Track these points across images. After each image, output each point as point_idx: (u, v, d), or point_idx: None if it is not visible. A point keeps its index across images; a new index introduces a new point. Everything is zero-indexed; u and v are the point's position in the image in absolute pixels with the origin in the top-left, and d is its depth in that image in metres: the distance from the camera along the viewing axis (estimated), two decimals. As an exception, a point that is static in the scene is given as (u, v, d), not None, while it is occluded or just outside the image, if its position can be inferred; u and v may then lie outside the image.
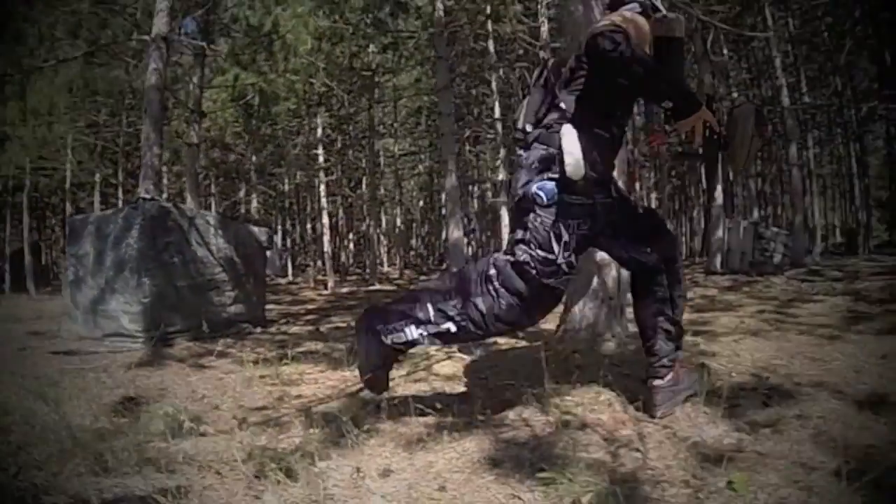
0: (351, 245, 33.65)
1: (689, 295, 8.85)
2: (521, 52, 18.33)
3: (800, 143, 17.56)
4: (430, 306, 2.57)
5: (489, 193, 23.25)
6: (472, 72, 20.95)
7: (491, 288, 2.52)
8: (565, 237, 2.45)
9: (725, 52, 19.33)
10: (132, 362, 4.68)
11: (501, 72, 19.82)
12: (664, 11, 2.67)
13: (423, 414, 2.89)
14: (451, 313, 2.54)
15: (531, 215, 2.48)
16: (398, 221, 32.21)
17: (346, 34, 16.27)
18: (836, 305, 6.74)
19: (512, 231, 2.66)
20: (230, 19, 14.87)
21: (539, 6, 12.29)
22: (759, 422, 2.54)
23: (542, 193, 2.44)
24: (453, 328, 2.55)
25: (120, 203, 21.16)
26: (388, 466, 2.32)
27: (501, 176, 18.54)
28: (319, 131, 20.15)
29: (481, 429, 2.67)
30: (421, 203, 36.19)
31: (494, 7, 14.93)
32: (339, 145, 24.38)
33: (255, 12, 13.96)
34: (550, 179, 2.44)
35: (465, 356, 4.20)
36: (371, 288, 17.39)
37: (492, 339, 4.41)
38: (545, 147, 2.49)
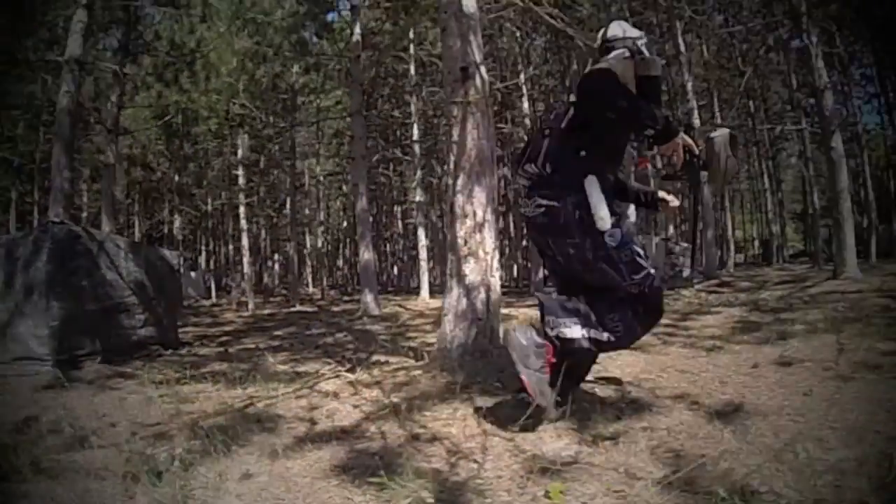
0: (276, 266, 33.52)
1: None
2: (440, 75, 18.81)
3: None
4: (592, 315, 2.95)
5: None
6: (393, 94, 21.26)
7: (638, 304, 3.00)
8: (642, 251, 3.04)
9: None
10: (39, 384, 4.88)
11: (424, 93, 20.21)
12: (647, 55, 3.14)
13: (292, 426, 3.32)
14: (609, 325, 2.95)
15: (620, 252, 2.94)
16: (318, 242, 32.13)
17: (268, 55, 16.42)
18: (731, 316, 7.25)
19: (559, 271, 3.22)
20: (153, 36, 14.90)
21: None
22: (603, 434, 2.80)
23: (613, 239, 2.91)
24: (611, 338, 2.96)
25: (35, 223, 20.81)
26: (248, 471, 2.66)
27: (419, 197, 18.90)
28: (240, 152, 20.11)
29: (343, 440, 3.04)
30: (345, 224, 36.25)
31: (416, 31, 15.40)
32: (262, 166, 24.38)
33: (179, 30, 14.09)
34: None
35: (349, 375, 4.53)
36: (292, 309, 17.48)
37: (374, 358, 5.11)
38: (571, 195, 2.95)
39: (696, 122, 16.22)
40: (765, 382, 3.57)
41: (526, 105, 18.83)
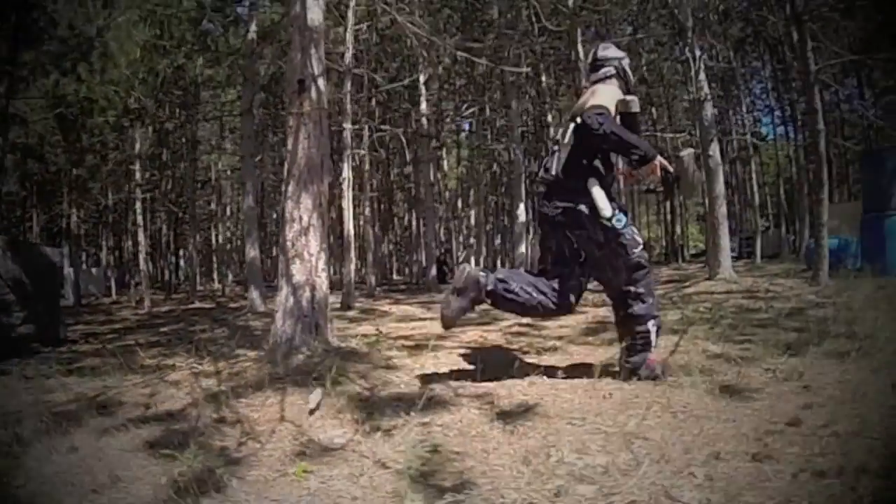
0: (182, 262, 33.07)
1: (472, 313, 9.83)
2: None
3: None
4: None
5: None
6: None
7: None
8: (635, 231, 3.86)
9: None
10: None
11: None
12: (630, 74, 4.15)
13: (128, 411, 3.75)
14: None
15: (618, 238, 3.75)
16: (219, 238, 31.76)
17: (170, 46, 16.26)
18: (595, 316, 7.60)
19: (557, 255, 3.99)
20: (49, 23, 14.58)
21: (346, 32, 13.05)
22: (382, 426, 3.12)
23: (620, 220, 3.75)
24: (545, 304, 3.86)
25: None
26: (74, 446, 3.08)
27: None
28: (138, 145, 19.83)
29: (164, 421, 3.44)
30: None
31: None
32: (166, 159, 24.04)
33: (77, 17, 13.85)
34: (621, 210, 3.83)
35: (197, 366, 4.86)
36: (190, 306, 17.36)
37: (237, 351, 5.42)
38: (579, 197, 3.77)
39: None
40: (572, 385, 3.77)
41: (423, 105, 19.15)
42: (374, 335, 6.49)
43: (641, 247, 3.84)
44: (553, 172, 3.90)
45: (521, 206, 16.43)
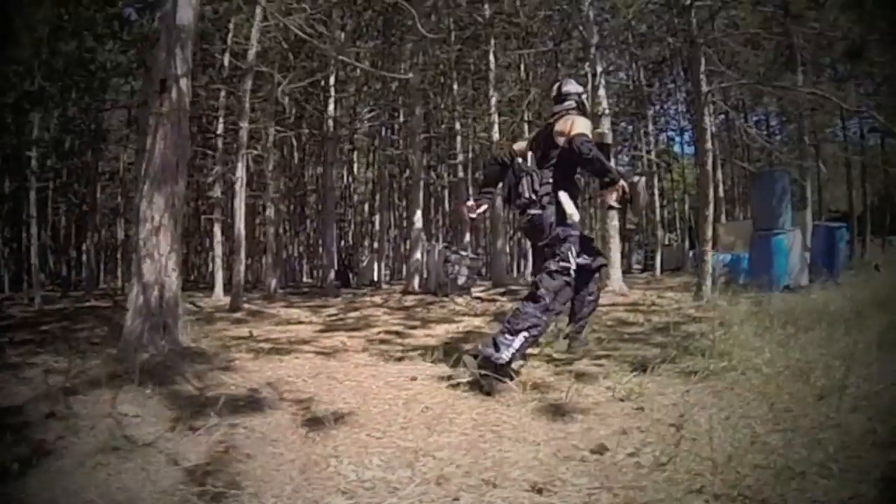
0: (85, 257, 31.92)
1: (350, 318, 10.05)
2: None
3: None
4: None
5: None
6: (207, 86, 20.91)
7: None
8: (574, 252, 4.54)
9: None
10: None
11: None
12: (587, 105, 5.09)
13: None
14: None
15: (560, 245, 4.50)
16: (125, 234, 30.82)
17: (76, 28, 15.86)
18: (467, 325, 7.86)
19: (542, 258, 4.67)
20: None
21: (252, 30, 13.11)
22: (192, 427, 3.23)
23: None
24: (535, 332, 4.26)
25: None
26: None
27: (218, 192, 18.79)
28: (35, 131, 19.07)
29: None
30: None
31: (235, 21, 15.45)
32: (67, 148, 23.22)
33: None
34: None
35: (54, 364, 4.83)
36: (86, 304, 16.83)
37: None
38: (550, 207, 4.58)
39: (496, 135, 17.22)
40: (397, 396, 3.91)
41: (332, 107, 19.15)
42: (244, 337, 6.64)
43: (571, 266, 4.49)
44: (527, 195, 4.66)
45: (418, 212, 16.51)
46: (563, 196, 4.55)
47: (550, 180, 4.65)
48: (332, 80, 18.98)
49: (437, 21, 19.51)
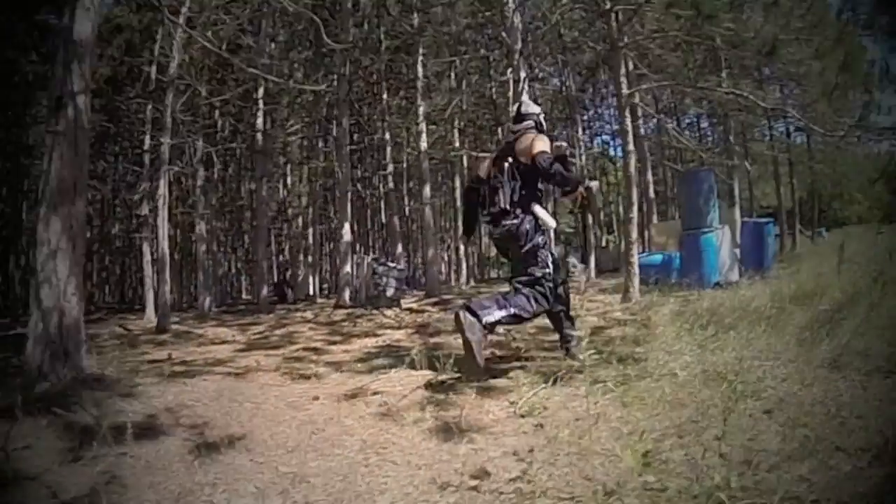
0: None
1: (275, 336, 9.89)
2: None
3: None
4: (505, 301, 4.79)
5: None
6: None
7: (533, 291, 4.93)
8: (552, 257, 5.15)
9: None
10: None
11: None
12: (544, 126, 5.47)
13: None
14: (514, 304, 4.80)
15: (538, 253, 5.01)
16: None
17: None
18: (389, 339, 7.82)
19: (525, 265, 5.05)
20: None
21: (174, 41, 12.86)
22: (81, 456, 3.19)
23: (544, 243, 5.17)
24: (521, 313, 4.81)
25: None
26: None
27: (145, 210, 18.29)
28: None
29: None
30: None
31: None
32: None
33: None
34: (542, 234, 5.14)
35: None
36: (9, 332, 16.14)
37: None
38: (529, 217, 5.02)
39: (424, 145, 17.18)
40: (294, 417, 3.96)
41: (260, 120, 18.81)
42: (161, 360, 6.52)
43: (549, 269, 5.03)
44: (501, 205, 5.08)
45: (346, 225, 16.32)
46: (538, 207, 5.08)
47: (522, 192, 5.08)
48: (260, 93, 18.56)
49: (369, 31, 19.44)
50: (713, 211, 12.22)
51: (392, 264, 15.00)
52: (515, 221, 5.02)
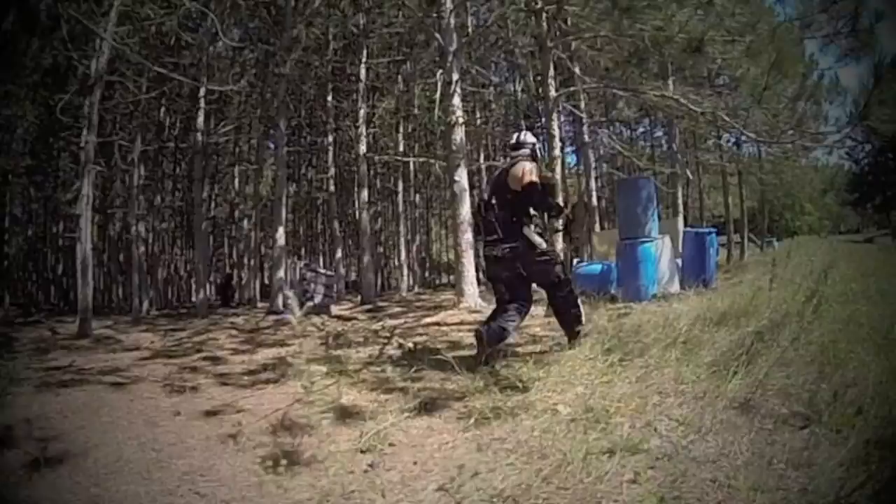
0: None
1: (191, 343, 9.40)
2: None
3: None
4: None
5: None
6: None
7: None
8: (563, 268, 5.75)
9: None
10: None
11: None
12: (538, 155, 6.10)
13: None
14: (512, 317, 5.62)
15: (553, 267, 5.65)
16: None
17: None
18: (282, 353, 7.27)
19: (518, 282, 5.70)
20: None
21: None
22: None
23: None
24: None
25: None
26: None
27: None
28: None
29: None
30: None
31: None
32: None
33: None
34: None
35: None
36: None
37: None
38: (520, 239, 5.49)
39: (363, 149, 16.34)
40: (142, 432, 3.79)
41: (201, 119, 17.77)
42: (61, 368, 6.41)
43: (560, 267, 5.77)
44: (500, 233, 5.54)
45: (280, 229, 15.51)
46: (528, 230, 5.53)
47: (514, 218, 5.52)
48: (201, 91, 17.47)
49: (322, 32, 18.59)
50: (652, 220, 11.45)
51: (322, 270, 14.28)
52: (515, 244, 5.51)
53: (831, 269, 7.35)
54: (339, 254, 19.74)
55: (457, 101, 11.55)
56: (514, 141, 6.08)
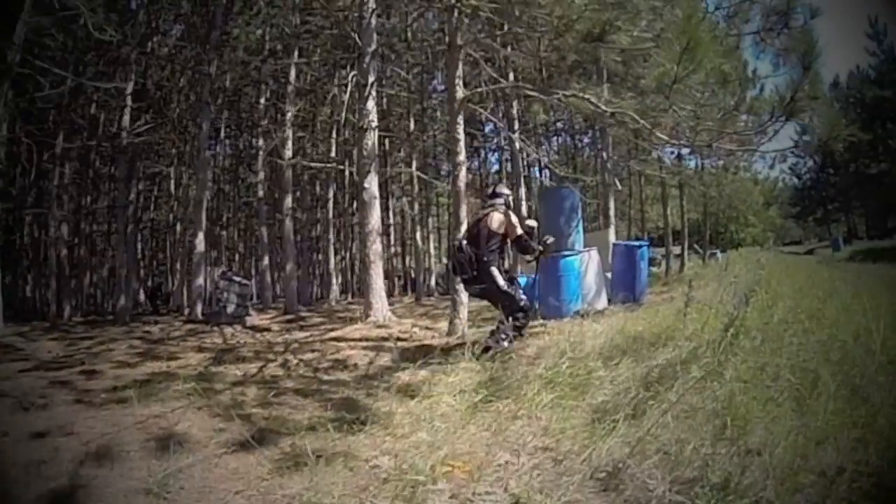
0: None
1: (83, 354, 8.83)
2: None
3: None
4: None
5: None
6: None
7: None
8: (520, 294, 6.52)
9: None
10: None
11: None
12: (511, 205, 6.96)
13: None
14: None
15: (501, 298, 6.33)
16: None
17: None
18: (182, 364, 7.20)
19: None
20: None
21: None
22: None
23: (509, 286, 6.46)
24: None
25: None
26: None
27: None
28: None
29: None
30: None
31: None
32: None
33: None
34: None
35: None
36: None
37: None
38: (488, 281, 6.36)
39: (289, 153, 15.27)
40: None
41: (127, 118, 16.42)
42: None
43: (523, 300, 6.38)
44: (472, 273, 6.34)
45: (200, 234, 14.56)
46: (494, 271, 6.28)
47: (485, 258, 6.29)
48: (128, 89, 16.12)
49: (263, 33, 17.57)
50: (576, 232, 10.57)
51: (237, 278, 13.16)
52: (485, 285, 6.35)
53: (759, 288, 6.44)
54: (266, 261, 18.53)
55: (371, 104, 10.52)
56: (490, 192, 7.00)
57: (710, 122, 6.80)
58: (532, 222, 7.15)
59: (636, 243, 12.76)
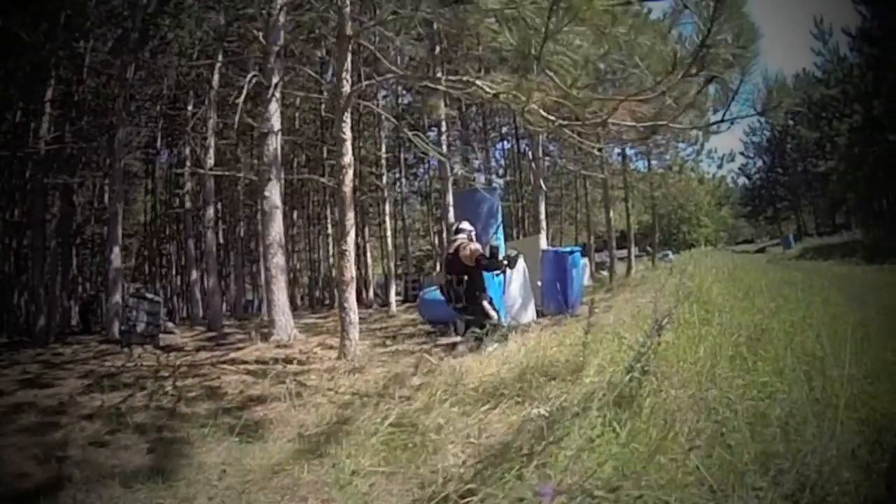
0: None
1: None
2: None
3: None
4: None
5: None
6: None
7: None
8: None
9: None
10: None
11: None
12: (474, 239, 7.56)
13: None
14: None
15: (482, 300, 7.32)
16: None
17: None
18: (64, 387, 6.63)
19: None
20: None
21: None
22: None
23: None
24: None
25: None
26: None
27: None
28: None
29: None
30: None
31: None
32: None
33: None
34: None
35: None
36: None
37: None
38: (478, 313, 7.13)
39: (210, 161, 14.26)
40: None
41: (46, 126, 15.18)
42: None
43: (495, 313, 7.22)
44: (463, 303, 7.20)
45: (116, 248, 13.74)
46: (486, 305, 7.19)
47: (476, 292, 7.16)
48: (48, 95, 14.79)
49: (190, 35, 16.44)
50: (496, 238, 9.55)
51: (149, 296, 12.01)
52: (474, 317, 7.01)
53: (686, 305, 5.41)
54: (194, 275, 17.44)
55: (273, 107, 9.54)
56: (455, 228, 7.96)
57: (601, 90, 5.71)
58: (495, 241, 8.18)
59: (567, 249, 11.81)
